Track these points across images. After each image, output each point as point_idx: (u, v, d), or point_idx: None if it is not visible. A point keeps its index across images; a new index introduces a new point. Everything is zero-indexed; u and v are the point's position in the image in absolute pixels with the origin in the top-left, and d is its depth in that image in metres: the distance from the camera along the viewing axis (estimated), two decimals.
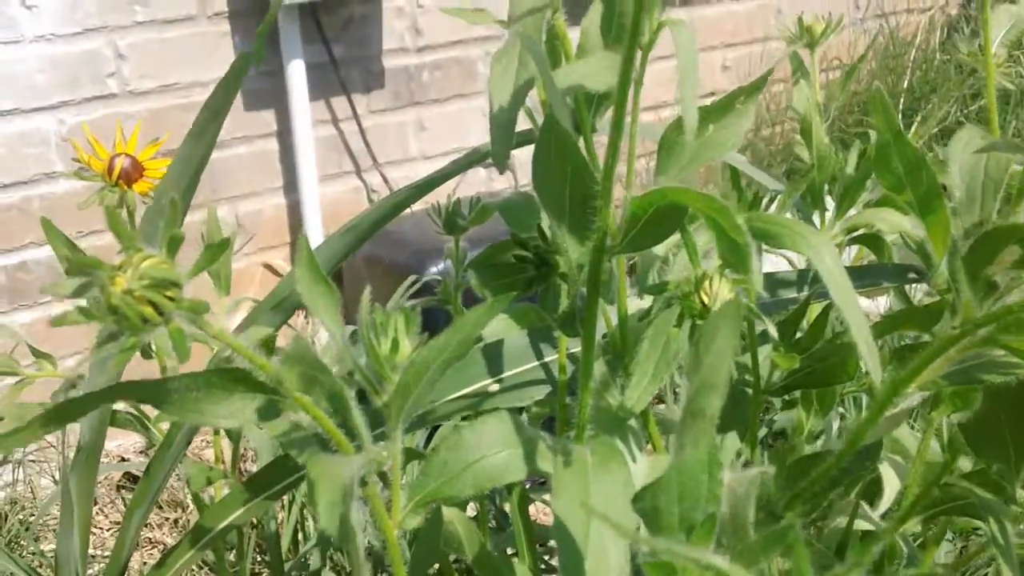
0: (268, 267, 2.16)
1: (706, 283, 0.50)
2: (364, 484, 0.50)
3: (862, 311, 0.54)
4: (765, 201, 0.66)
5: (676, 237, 0.60)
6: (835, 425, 1.01)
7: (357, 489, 0.45)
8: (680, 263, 0.61)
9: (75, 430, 0.76)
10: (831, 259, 0.57)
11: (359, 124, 2.14)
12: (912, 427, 0.83)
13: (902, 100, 2.58)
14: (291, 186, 2.09)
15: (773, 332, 0.57)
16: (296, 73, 1.96)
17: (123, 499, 1.84)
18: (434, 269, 1.81)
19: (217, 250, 0.39)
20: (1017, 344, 0.44)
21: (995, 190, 0.70)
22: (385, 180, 2.22)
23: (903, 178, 0.68)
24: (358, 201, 2.21)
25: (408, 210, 2.46)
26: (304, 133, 2.01)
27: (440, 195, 2.47)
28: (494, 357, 0.71)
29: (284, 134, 2.05)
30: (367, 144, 2.17)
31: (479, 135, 2.30)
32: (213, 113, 0.66)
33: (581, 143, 0.63)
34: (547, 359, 0.72)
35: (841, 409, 1.39)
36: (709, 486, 0.38)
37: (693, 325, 0.51)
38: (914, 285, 0.84)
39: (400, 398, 0.49)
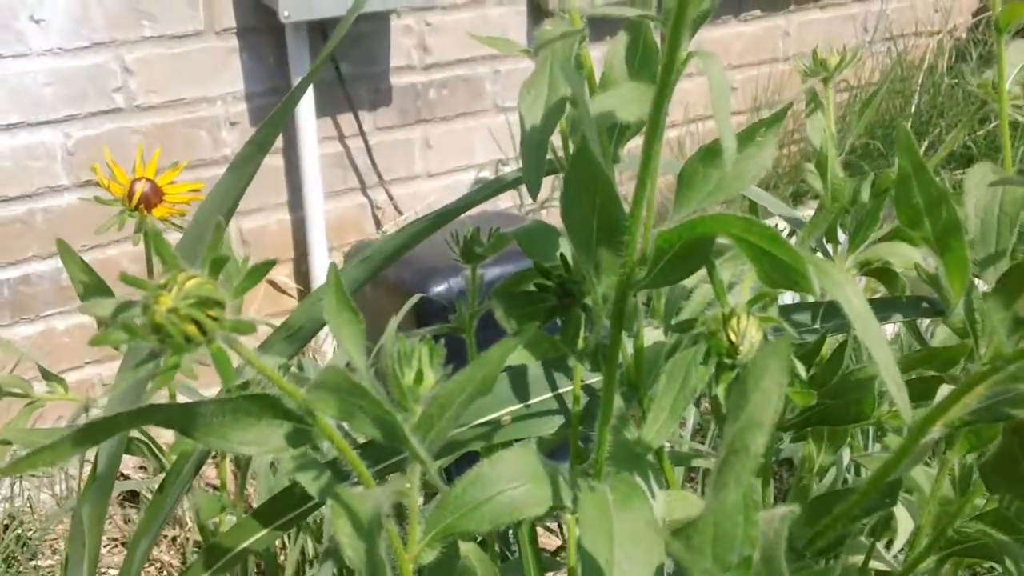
0: (271, 283, 2.15)
1: (734, 321, 0.50)
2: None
3: (889, 349, 0.53)
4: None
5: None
6: (845, 456, 1.00)
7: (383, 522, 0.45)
8: (698, 297, 0.60)
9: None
10: (857, 297, 0.56)
11: (365, 141, 2.14)
12: (928, 464, 0.83)
13: (910, 123, 2.58)
14: (296, 202, 2.09)
15: (801, 371, 0.57)
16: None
17: (122, 515, 1.83)
18: (438, 288, 1.81)
19: (259, 273, 0.39)
20: None
21: (1011, 225, 0.70)
22: (390, 197, 2.22)
23: (923, 213, 0.67)
24: (363, 218, 2.21)
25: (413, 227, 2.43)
26: (310, 150, 2.01)
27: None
28: (516, 384, 0.70)
29: (290, 150, 2.04)
30: (373, 161, 2.16)
31: (485, 153, 2.30)
32: (259, 147, 0.66)
33: None
34: (561, 390, 0.71)
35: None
36: (745, 528, 0.38)
37: (720, 363, 0.50)
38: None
39: (422, 430, 0.48)
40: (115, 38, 1.80)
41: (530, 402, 0.72)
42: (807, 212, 1.09)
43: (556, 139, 0.65)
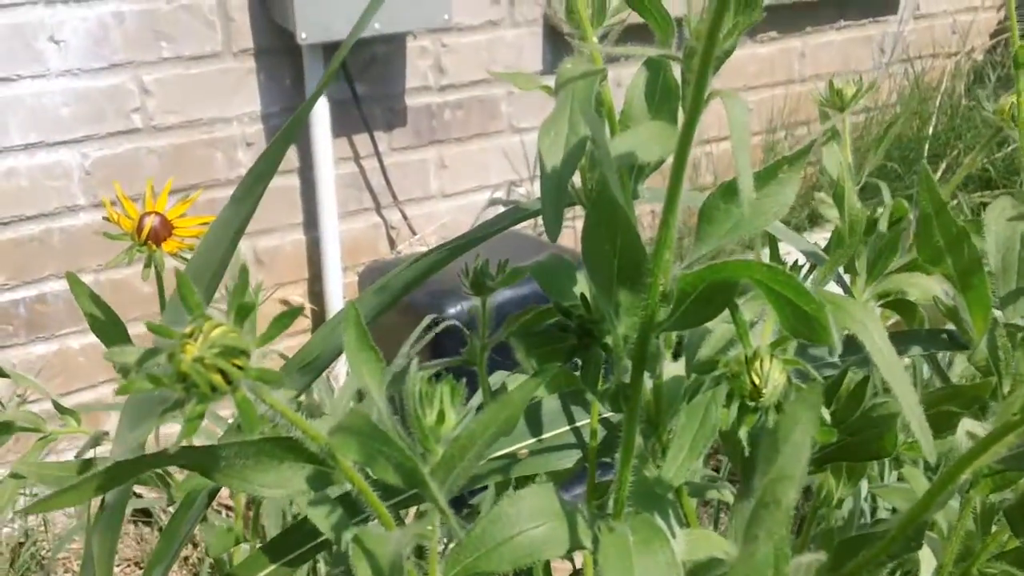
0: (285, 303, 2.15)
1: (757, 363, 0.49)
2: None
3: (913, 390, 0.53)
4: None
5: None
6: (863, 487, 0.99)
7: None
8: (718, 335, 0.60)
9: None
10: (879, 336, 0.56)
11: (380, 161, 2.15)
12: None
13: (927, 145, 2.58)
14: (311, 222, 2.09)
15: (826, 416, 0.56)
16: (320, 111, 1.97)
17: (135, 534, 1.83)
18: (453, 310, 1.80)
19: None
20: None
21: None
22: (404, 217, 2.22)
23: (944, 251, 0.67)
24: (377, 238, 2.21)
25: (424, 248, 2.45)
26: (326, 170, 2.02)
27: (461, 226, 2.47)
28: (532, 417, 0.70)
29: (306, 171, 2.05)
30: (388, 181, 2.17)
31: (500, 173, 2.30)
32: (257, 178, 0.66)
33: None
34: (579, 423, 0.71)
35: None
36: None
37: (742, 405, 0.50)
38: None
39: (444, 471, 0.48)
40: (134, 59, 1.81)
41: (548, 435, 0.72)
42: (824, 235, 1.08)
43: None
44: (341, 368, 2.01)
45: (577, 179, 0.66)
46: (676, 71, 0.63)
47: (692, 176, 2.45)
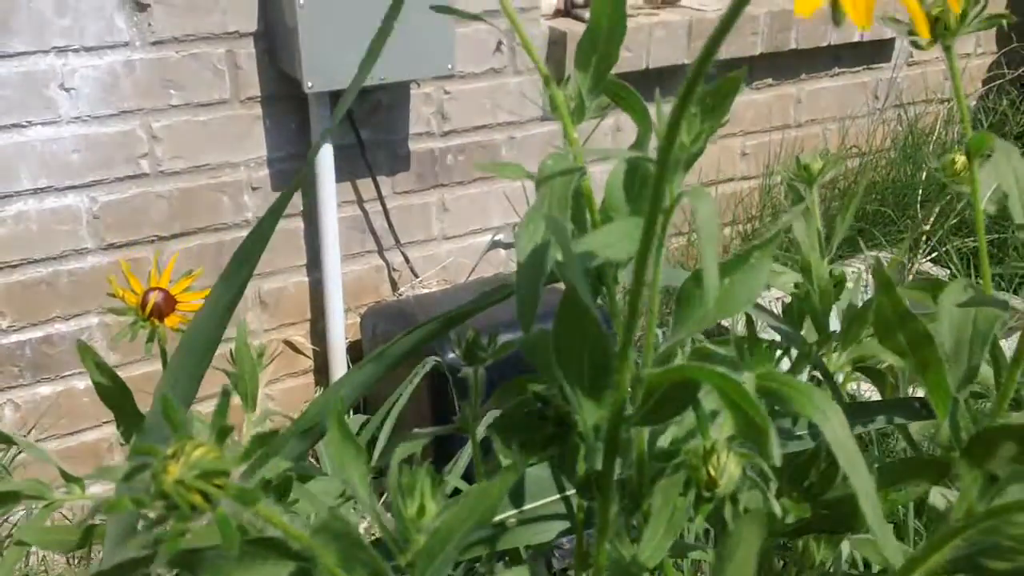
0: (288, 343, 2.19)
1: (714, 457, 0.52)
2: None
3: (871, 482, 0.56)
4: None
5: None
6: (845, 549, 1.01)
7: None
8: (681, 425, 0.63)
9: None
10: (840, 426, 0.59)
11: (383, 205, 2.18)
12: None
13: (920, 191, 2.61)
14: (314, 264, 2.13)
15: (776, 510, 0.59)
16: (324, 156, 2.01)
17: None
18: (452, 355, 1.83)
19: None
20: (1020, 535, 0.46)
21: (982, 343, 0.72)
22: (407, 260, 2.26)
23: (904, 345, 0.70)
24: (380, 280, 2.25)
25: (426, 290, 2.47)
26: (329, 213, 2.05)
27: (463, 268, 2.50)
28: (514, 488, 0.73)
29: (310, 214, 2.09)
30: (390, 224, 2.21)
31: (500, 216, 2.34)
32: (245, 258, 0.69)
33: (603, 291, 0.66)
34: (568, 492, 0.74)
35: None
36: None
37: (698, 495, 0.53)
38: None
39: (425, 561, 0.51)
40: (143, 106, 1.86)
41: (533, 505, 0.74)
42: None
43: None
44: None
45: None
46: None
47: (684, 222, 2.49)
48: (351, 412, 1.68)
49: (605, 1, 0.59)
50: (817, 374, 0.90)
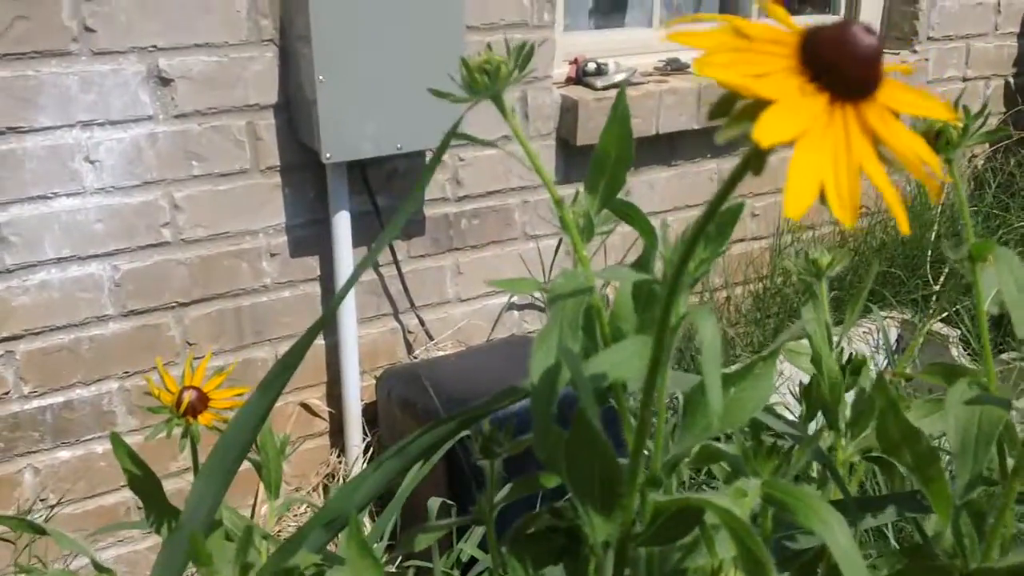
0: (304, 406, 2.22)
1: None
2: None
3: None
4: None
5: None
6: None
7: None
8: (685, 542, 0.65)
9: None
10: (844, 537, 0.61)
11: (398, 268, 2.22)
12: None
13: (930, 251, 2.63)
14: (331, 327, 2.16)
15: None
16: (342, 223, 2.05)
17: None
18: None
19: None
20: None
21: (987, 443, 0.74)
22: (421, 322, 2.29)
23: (904, 450, 0.72)
24: (395, 342, 2.28)
25: (441, 352, 2.49)
26: (346, 278, 2.09)
27: (477, 331, 2.52)
28: None
29: (326, 278, 2.13)
30: (405, 287, 2.24)
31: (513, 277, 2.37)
32: (284, 368, 0.72)
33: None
34: None
35: None
36: None
37: None
38: None
39: None
40: (165, 176, 1.90)
41: None
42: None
43: None
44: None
45: None
46: None
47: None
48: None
49: (614, 134, 0.62)
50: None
